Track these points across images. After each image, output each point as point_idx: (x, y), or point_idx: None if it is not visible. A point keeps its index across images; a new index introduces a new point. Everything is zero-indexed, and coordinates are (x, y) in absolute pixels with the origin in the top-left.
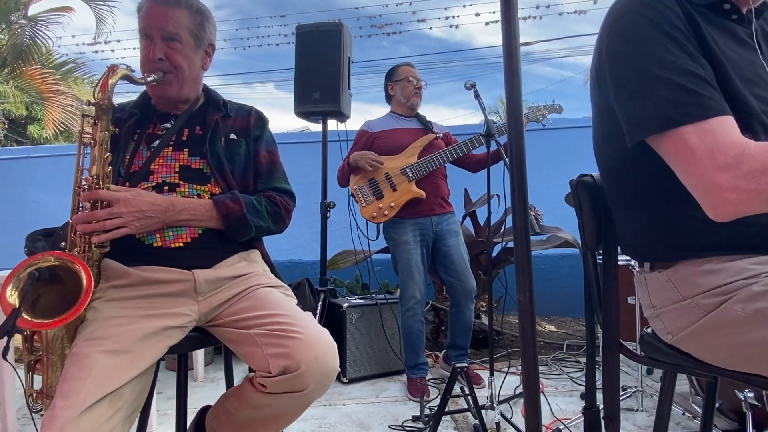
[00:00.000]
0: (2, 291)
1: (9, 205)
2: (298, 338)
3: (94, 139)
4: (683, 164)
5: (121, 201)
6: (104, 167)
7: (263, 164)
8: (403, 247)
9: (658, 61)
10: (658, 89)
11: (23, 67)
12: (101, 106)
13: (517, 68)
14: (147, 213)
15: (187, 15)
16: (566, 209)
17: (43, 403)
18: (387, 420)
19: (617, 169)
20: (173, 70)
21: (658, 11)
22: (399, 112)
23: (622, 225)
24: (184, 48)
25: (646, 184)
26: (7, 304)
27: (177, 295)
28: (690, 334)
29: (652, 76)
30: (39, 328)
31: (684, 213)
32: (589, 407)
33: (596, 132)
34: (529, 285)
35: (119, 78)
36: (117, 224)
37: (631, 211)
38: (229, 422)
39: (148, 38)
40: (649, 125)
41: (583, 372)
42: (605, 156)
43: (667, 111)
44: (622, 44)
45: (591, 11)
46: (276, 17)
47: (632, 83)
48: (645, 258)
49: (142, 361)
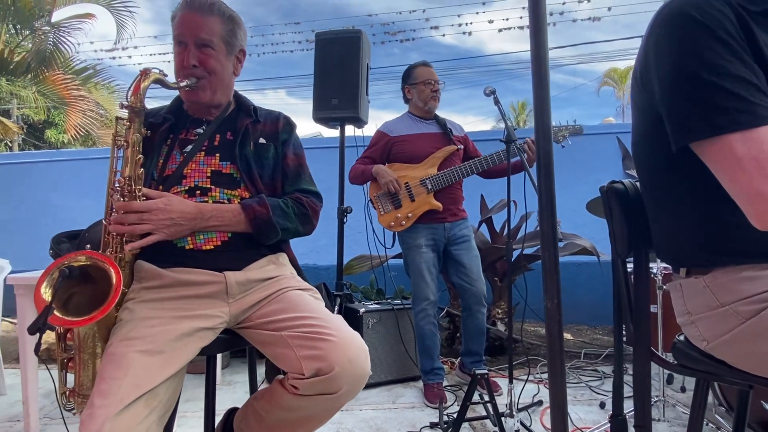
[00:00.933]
0: (36, 288)
1: (31, 209)
2: (332, 341)
3: (127, 141)
4: (728, 173)
5: (153, 209)
6: (136, 169)
7: (290, 167)
8: (415, 250)
9: (709, 66)
10: (707, 94)
11: (46, 73)
12: (134, 109)
13: (546, 74)
14: (176, 220)
15: (219, 22)
16: (582, 217)
17: (75, 401)
18: (404, 426)
19: (658, 172)
20: (206, 75)
21: (712, 15)
22: (417, 114)
23: (660, 229)
24: (217, 54)
25: (687, 188)
26: (41, 302)
27: (209, 296)
28: (727, 341)
29: (702, 81)
30: (70, 326)
31: (724, 218)
32: (616, 415)
33: (637, 133)
34: (557, 291)
35: (151, 82)
36: (146, 230)
37: (670, 215)
38: (259, 424)
39: (182, 45)
40: (695, 131)
41: (601, 381)
42: (646, 158)
43: (715, 117)
44: (672, 48)
45: (605, 18)
46: (290, 24)
47: (681, 87)
48: (681, 263)
49: (176, 361)
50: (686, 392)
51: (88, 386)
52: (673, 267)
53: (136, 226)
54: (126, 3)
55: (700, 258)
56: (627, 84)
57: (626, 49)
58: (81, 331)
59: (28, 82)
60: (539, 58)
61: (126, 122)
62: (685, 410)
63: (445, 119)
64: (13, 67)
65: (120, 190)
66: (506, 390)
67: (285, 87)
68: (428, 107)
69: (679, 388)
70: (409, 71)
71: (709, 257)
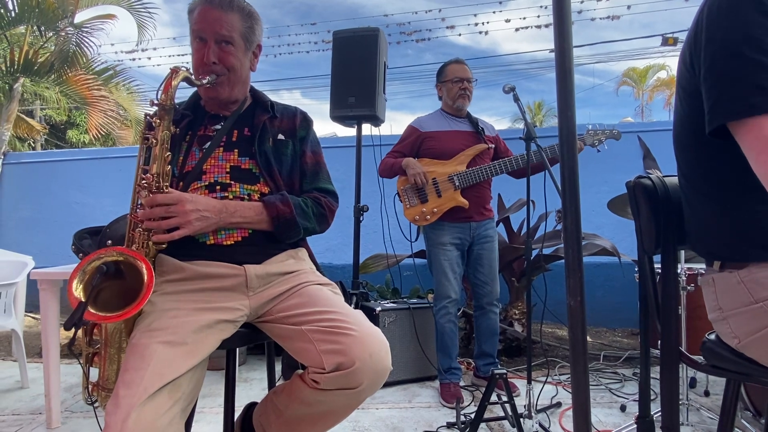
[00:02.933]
0: (69, 284)
1: (54, 207)
2: (353, 335)
3: (156, 139)
4: (756, 153)
5: (181, 201)
6: (164, 166)
7: (309, 164)
8: (440, 248)
9: (753, 42)
10: (747, 72)
11: (68, 73)
12: (164, 107)
13: (570, 67)
14: (203, 213)
15: (239, 19)
16: (600, 217)
17: (98, 395)
18: (421, 425)
19: (698, 157)
20: (226, 72)
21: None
22: (449, 112)
23: (696, 218)
24: (236, 51)
25: (727, 175)
26: (73, 298)
27: (229, 289)
28: (760, 338)
29: (744, 57)
30: (103, 321)
31: (761, 209)
32: (643, 416)
33: (679, 119)
34: (580, 289)
35: (181, 80)
36: (173, 224)
37: (709, 203)
38: (278, 419)
39: (201, 41)
40: (730, 110)
41: (621, 384)
42: (687, 143)
43: (751, 96)
44: (720, 24)
45: (624, 17)
46: (306, 25)
47: (723, 64)
48: (716, 256)
49: (198, 352)
50: (710, 396)
51: (112, 380)
52: (707, 260)
53: (163, 220)
54: (146, 4)
55: (735, 250)
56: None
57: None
58: (110, 326)
59: (52, 82)
60: (563, 51)
61: (156, 120)
62: (710, 414)
63: (477, 118)
64: (37, 68)
65: (148, 187)
66: (524, 391)
67: (300, 88)
68: (456, 105)
69: (703, 392)
70: (442, 68)
71: (744, 249)
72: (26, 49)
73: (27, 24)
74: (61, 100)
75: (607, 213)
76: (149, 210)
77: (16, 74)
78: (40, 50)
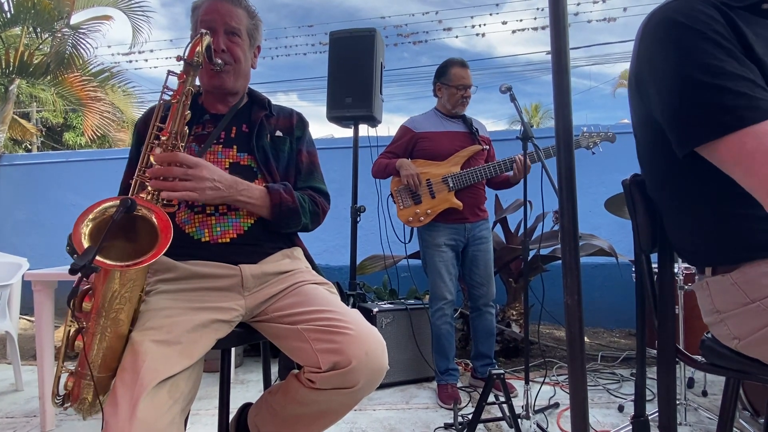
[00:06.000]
0: (75, 228)
1: (48, 208)
2: (349, 334)
3: (178, 94)
4: (743, 168)
5: (200, 166)
6: (181, 126)
7: (304, 163)
8: (434, 249)
9: (704, 68)
10: (707, 97)
11: (64, 74)
12: (191, 63)
13: (567, 65)
14: (217, 184)
15: (245, 15)
16: (596, 218)
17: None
18: (418, 427)
19: (667, 177)
20: (232, 62)
21: (699, 19)
22: (444, 112)
23: (677, 231)
24: (243, 44)
25: (699, 189)
26: (80, 243)
27: (224, 289)
28: (760, 338)
29: (700, 83)
30: (116, 269)
31: (742, 213)
32: (638, 416)
33: (640, 142)
34: (577, 288)
35: (206, 47)
36: (188, 188)
37: (686, 217)
38: (273, 419)
39: (211, 31)
40: (701, 134)
41: (619, 384)
42: (652, 166)
43: (719, 117)
44: (667, 56)
45: (620, 19)
46: (303, 27)
47: (679, 93)
48: (705, 263)
49: (193, 352)
50: (708, 396)
51: (97, 363)
52: (697, 268)
53: (178, 182)
54: (142, 5)
55: (723, 255)
56: None
57: None
58: (107, 292)
59: (47, 84)
60: (560, 50)
61: (182, 75)
62: (708, 414)
63: (471, 118)
64: (33, 69)
65: (164, 144)
66: (522, 392)
67: (297, 90)
68: (455, 111)
69: (701, 393)
70: (445, 69)
71: (732, 253)
72: (22, 50)
73: (23, 25)
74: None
75: (604, 214)
76: (165, 167)
77: (12, 75)
78: (36, 51)
